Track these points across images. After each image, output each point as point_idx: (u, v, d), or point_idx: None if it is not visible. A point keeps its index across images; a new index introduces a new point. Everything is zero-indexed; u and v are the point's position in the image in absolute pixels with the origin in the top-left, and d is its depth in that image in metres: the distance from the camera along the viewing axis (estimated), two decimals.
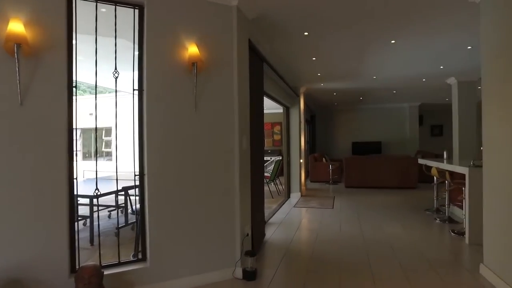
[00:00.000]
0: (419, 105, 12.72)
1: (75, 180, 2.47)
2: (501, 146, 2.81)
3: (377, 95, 10.34)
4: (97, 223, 4.31)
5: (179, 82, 2.86)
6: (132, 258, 2.84)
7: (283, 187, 8.01)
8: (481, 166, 4.19)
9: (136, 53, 2.76)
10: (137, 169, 2.79)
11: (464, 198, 4.52)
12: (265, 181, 8.00)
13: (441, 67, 6.44)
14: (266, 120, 13.82)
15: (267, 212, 6.15)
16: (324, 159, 9.97)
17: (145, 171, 2.76)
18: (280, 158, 10.12)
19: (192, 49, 2.80)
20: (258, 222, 3.88)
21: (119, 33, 2.79)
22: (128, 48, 2.90)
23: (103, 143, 14.11)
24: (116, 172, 2.92)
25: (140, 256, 2.82)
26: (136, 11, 2.76)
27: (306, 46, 4.91)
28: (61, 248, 2.40)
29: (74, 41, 2.46)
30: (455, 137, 7.56)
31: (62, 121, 2.40)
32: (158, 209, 2.78)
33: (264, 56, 4.45)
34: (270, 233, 4.72)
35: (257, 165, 3.92)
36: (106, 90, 11.94)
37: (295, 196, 7.63)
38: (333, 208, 6.35)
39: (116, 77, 2.67)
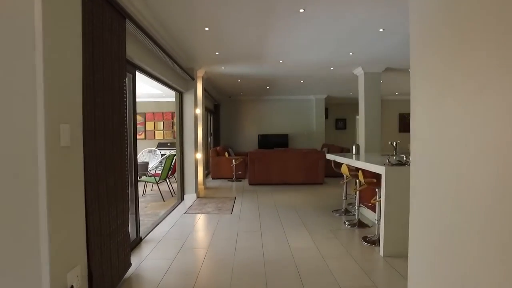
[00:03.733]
0: (325, 98, 12.58)
1: None
2: (436, 143, 2.03)
3: (285, 84, 9.68)
4: None
5: None
6: None
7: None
8: (399, 165, 3.57)
9: None
10: None
11: (378, 201, 3.87)
12: (155, 180, 6.67)
13: (351, 53, 5.86)
14: (166, 109, 12.35)
15: (150, 221, 4.88)
16: (226, 153, 8.96)
17: None
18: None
19: None
20: (112, 253, 2.59)
21: None
22: None
23: None
24: None
25: None
26: None
27: (193, 7, 3.72)
28: None
29: None
30: (361, 131, 7.18)
31: None
32: None
33: (129, 13, 3.13)
34: (142, 257, 3.46)
35: (112, 167, 2.62)
36: None
37: (190, 198, 6.44)
38: (231, 213, 5.33)
39: None
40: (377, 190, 3.92)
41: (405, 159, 3.57)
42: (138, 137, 11.94)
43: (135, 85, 3.87)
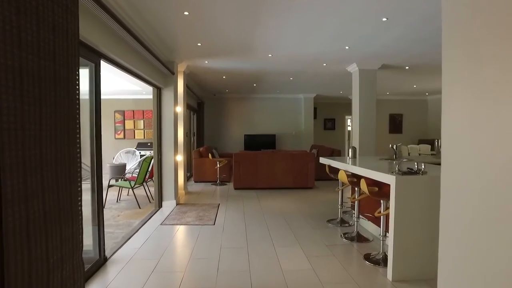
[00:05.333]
0: (314, 97, 12.11)
1: None
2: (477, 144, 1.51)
3: (273, 82, 9.13)
4: None
5: None
6: None
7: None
8: (410, 174, 3.06)
9: None
10: None
11: (383, 215, 3.36)
12: (130, 185, 6.03)
13: (347, 47, 5.35)
14: (146, 107, 11.57)
15: (121, 234, 4.28)
16: (210, 154, 8.36)
17: None
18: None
19: None
20: None
21: None
22: None
23: None
24: None
25: None
26: None
27: None
28: None
29: None
30: (355, 132, 6.70)
31: None
32: None
33: None
34: (105, 285, 2.86)
35: (54, 178, 2.01)
36: None
37: (169, 205, 5.83)
38: (214, 224, 4.74)
39: None
40: (382, 201, 3.41)
41: (416, 166, 3.06)
42: (116, 136, 11.25)
43: (99, 76, 3.26)
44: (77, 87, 2.28)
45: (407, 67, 6.90)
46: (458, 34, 1.68)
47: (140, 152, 10.56)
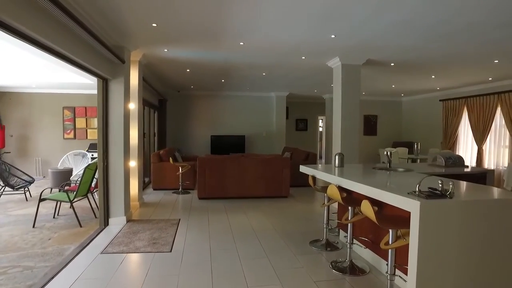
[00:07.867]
0: (286, 96, 11.33)
1: None
2: None
3: (243, 77, 8.20)
4: None
5: None
6: None
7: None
8: (434, 197, 2.26)
9: None
10: None
11: (392, 248, 2.55)
12: (68, 198, 4.89)
13: (332, 36, 4.54)
14: (93, 103, 10.20)
15: (42, 271, 3.21)
16: (171, 158, 7.31)
17: None
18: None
19: None
20: None
21: None
22: None
23: None
24: None
25: None
26: None
27: None
28: None
29: None
30: (337, 134, 5.93)
31: None
32: None
33: None
34: None
35: None
36: None
37: (117, 222, 4.76)
38: (171, 250, 3.76)
39: None
40: (389, 231, 2.59)
41: (441, 186, 2.25)
42: (65, 136, 9.88)
43: None
44: None
45: (392, 64, 6.23)
46: None
47: (92, 155, 9.29)
